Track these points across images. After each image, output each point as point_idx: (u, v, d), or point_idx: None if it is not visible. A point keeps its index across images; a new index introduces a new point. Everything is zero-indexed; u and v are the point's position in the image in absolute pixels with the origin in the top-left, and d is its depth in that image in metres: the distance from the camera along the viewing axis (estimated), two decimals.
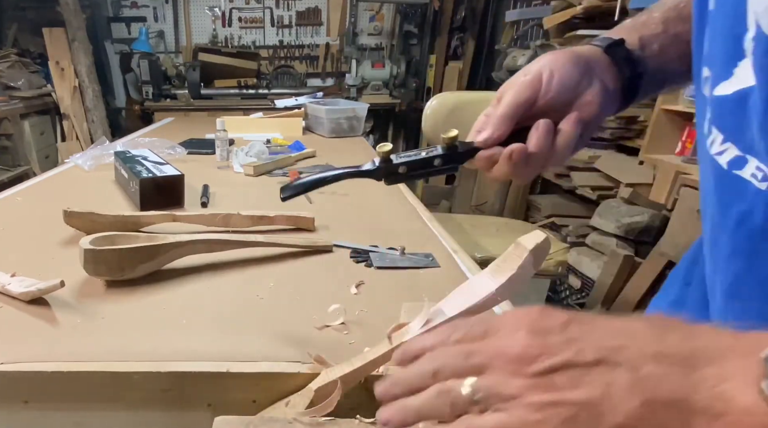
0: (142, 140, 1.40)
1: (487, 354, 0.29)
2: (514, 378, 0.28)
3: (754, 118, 0.33)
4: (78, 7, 3.19)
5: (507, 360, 0.28)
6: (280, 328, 0.53)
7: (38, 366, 0.45)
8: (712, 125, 0.38)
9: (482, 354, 0.29)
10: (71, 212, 0.74)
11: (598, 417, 0.25)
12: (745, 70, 0.34)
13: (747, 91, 0.34)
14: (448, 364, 0.30)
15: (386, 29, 3.82)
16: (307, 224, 0.82)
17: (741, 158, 0.36)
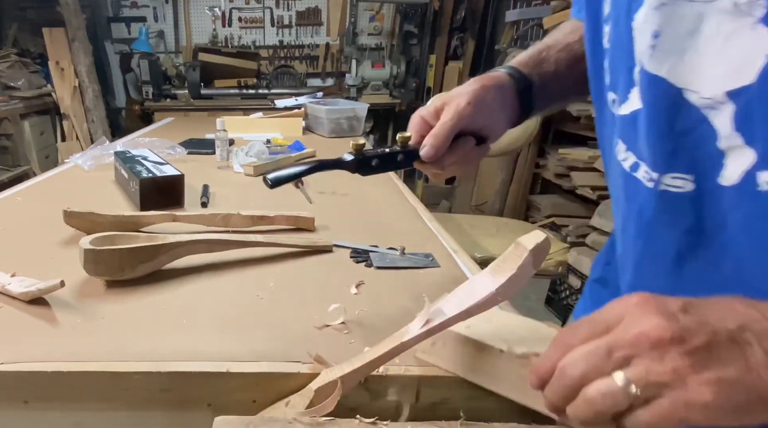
0: (142, 140, 1.40)
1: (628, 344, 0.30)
2: (666, 361, 0.29)
3: (641, 133, 0.44)
4: (78, 7, 3.19)
5: (651, 345, 0.29)
6: (280, 328, 0.53)
7: (38, 366, 0.45)
8: (618, 138, 0.48)
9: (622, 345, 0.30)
10: (71, 212, 0.74)
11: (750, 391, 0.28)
12: (635, 95, 0.44)
13: (637, 112, 0.44)
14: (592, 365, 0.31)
15: (386, 29, 3.82)
16: (307, 224, 0.82)
17: (636, 164, 0.46)
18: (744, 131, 0.37)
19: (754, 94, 0.36)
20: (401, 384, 0.45)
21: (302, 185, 1.11)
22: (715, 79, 0.38)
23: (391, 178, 1.23)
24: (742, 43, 0.36)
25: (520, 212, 3.22)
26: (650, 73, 0.42)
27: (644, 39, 0.41)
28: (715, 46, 0.38)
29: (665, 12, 0.40)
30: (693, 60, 0.39)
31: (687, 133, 0.41)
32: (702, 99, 0.39)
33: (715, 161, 0.40)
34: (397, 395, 0.45)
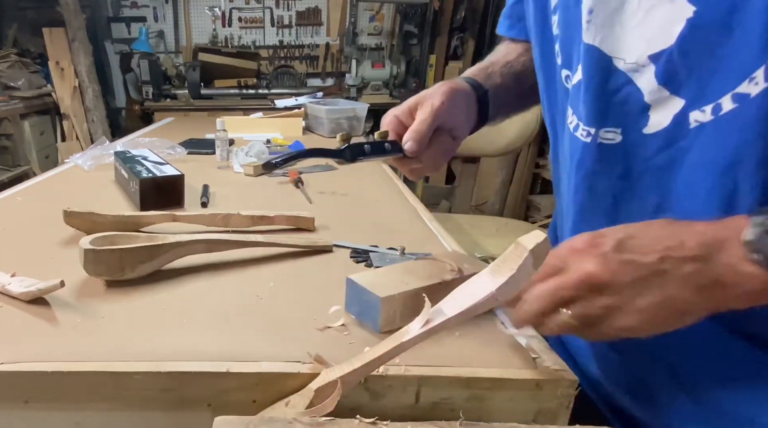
0: (142, 140, 1.40)
1: (572, 287, 0.41)
2: (601, 300, 0.40)
3: (581, 97, 0.52)
4: (78, 7, 3.19)
5: (589, 288, 0.40)
6: (280, 328, 0.53)
7: (38, 366, 0.44)
8: (568, 105, 0.56)
9: (567, 287, 0.41)
10: (71, 212, 0.74)
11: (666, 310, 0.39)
12: (579, 69, 0.52)
13: (580, 82, 0.52)
14: (547, 303, 0.42)
15: (386, 29, 3.82)
16: (307, 224, 0.82)
17: (577, 125, 0.54)
18: (670, 84, 0.45)
19: (675, 53, 0.43)
20: (401, 384, 0.45)
21: (302, 185, 1.11)
22: (637, 46, 0.46)
23: (391, 178, 1.23)
24: (661, 14, 0.43)
25: (520, 212, 3.22)
26: (587, 43, 0.49)
27: (584, 15, 0.49)
28: (637, 19, 0.45)
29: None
30: (619, 32, 0.47)
31: (615, 93, 0.49)
32: (627, 64, 0.47)
33: (640, 115, 0.48)
34: (397, 395, 0.45)
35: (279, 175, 1.22)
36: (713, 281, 0.38)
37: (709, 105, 0.43)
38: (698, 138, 0.44)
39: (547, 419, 0.46)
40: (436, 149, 0.61)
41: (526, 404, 0.46)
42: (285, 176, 1.19)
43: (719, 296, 0.38)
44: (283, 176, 1.21)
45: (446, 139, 0.62)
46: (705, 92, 0.43)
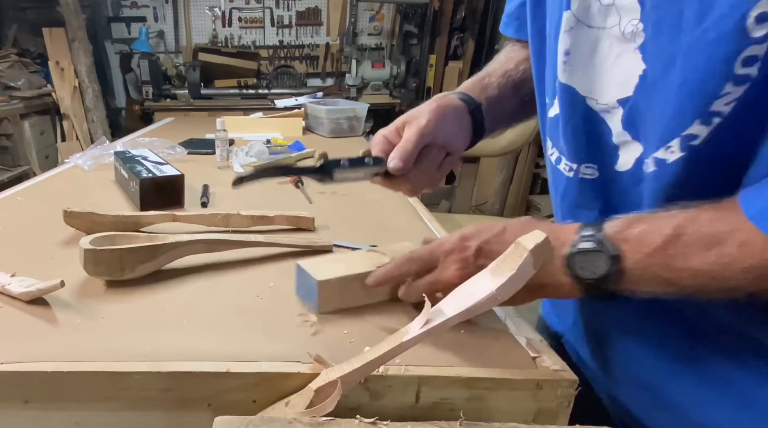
0: (142, 140, 1.40)
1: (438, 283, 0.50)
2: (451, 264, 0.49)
3: (561, 132, 0.54)
4: (78, 7, 3.19)
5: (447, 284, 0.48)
6: (280, 328, 0.53)
7: (38, 366, 0.45)
8: (548, 137, 0.58)
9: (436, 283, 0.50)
10: (71, 212, 0.74)
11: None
12: (556, 104, 0.54)
13: (557, 116, 0.54)
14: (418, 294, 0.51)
15: (386, 29, 3.82)
16: (307, 224, 0.82)
17: (559, 158, 0.56)
18: (630, 130, 0.47)
19: (635, 101, 0.46)
20: (401, 384, 0.45)
21: (302, 185, 1.11)
22: (608, 89, 0.48)
23: None
24: (626, 63, 0.45)
25: (520, 212, 3.22)
26: (563, 83, 0.51)
27: (559, 55, 0.51)
28: (608, 62, 0.47)
29: (573, 35, 0.49)
30: (593, 74, 0.49)
31: (591, 131, 0.51)
32: (599, 104, 0.49)
33: (612, 153, 0.50)
34: (397, 395, 0.45)
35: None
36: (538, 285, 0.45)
37: (675, 140, 0.43)
38: (653, 182, 0.46)
39: (547, 419, 0.46)
40: (428, 165, 0.61)
41: (526, 404, 0.46)
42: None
43: (541, 293, 0.47)
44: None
45: (438, 155, 0.61)
46: (654, 142, 0.45)
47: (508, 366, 0.47)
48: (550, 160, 0.58)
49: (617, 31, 0.45)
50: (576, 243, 0.43)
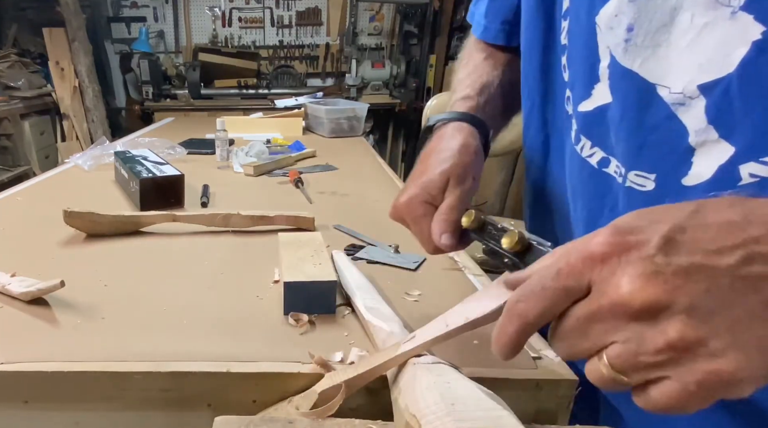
0: (142, 140, 1.40)
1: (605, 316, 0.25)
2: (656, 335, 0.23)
3: (612, 127, 0.43)
4: (78, 7, 3.19)
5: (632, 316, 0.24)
6: (279, 328, 0.53)
7: (38, 366, 0.44)
8: (581, 134, 0.47)
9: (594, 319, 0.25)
10: (71, 212, 0.74)
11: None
12: (601, 90, 0.44)
13: (605, 107, 0.44)
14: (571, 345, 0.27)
15: (386, 29, 3.82)
16: (307, 224, 0.82)
17: (606, 159, 0.46)
18: (719, 125, 0.36)
19: (734, 85, 0.35)
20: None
21: (302, 185, 1.11)
22: (686, 73, 0.37)
23: (391, 178, 1.23)
24: (718, 35, 0.35)
25: (520, 212, 3.22)
26: (623, 67, 0.41)
27: (617, 33, 0.40)
28: (688, 39, 0.37)
29: (639, 4, 0.39)
30: (666, 54, 0.38)
31: (654, 130, 0.40)
32: (672, 94, 0.38)
33: (681, 160, 0.39)
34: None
35: (279, 175, 1.22)
36: None
37: (748, 163, 0.35)
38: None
39: (547, 419, 0.46)
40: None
41: (526, 404, 0.46)
42: (285, 176, 1.19)
43: None
44: (283, 176, 1.21)
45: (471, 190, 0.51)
46: (766, 139, 0.35)
47: (508, 366, 0.47)
48: (586, 162, 0.48)
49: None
50: None
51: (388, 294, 0.60)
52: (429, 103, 1.89)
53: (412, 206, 0.48)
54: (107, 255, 0.71)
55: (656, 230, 0.25)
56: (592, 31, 0.43)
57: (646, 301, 0.23)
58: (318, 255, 0.59)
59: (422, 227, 0.47)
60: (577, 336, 0.26)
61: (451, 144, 0.51)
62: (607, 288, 0.25)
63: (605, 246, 0.25)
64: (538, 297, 0.27)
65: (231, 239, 0.78)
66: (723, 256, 0.23)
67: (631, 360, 0.24)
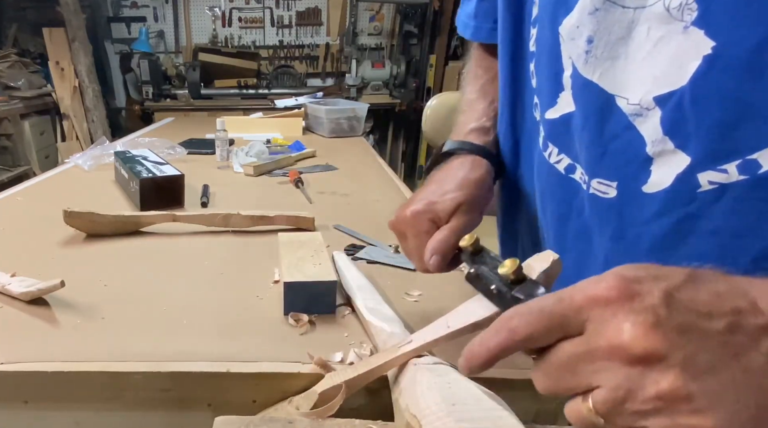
0: (142, 140, 1.40)
1: (599, 356, 0.25)
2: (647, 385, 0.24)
3: (575, 135, 0.44)
4: (78, 7, 3.19)
5: (625, 361, 0.24)
6: (279, 328, 0.53)
7: (38, 366, 0.44)
8: (548, 141, 0.48)
9: (588, 358, 0.26)
10: (71, 212, 0.74)
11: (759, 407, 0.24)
12: (565, 99, 0.45)
13: (569, 115, 0.45)
14: (556, 380, 0.27)
15: (386, 29, 3.82)
16: (307, 224, 0.82)
17: (572, 166, 0.46)
18: (674, 135, 0.37)
19: (686, 97, 0.36)
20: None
21: (302, 185, 1.11)
22: (643, 84, 0.38)
23: (391, 178, 1.23)
24: (672, 48, 0.36)
25: None
26: (584, 77, 0.42)
27: (578, 44, 0.41)
28: (645, 51, 0.38)
29: (599, 17, 0.39)
30: (624, 66, 0.39)
31: (614, 139, 0.41)
32: (630, 105, 0.39)
33: (641, 169, 0.40)
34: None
35: (279, 175, 1.22)
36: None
37: (732, 163, 0.36)
38: (716, 204, 0.37)
39: (547, 419, 0.46)
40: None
41: (526, 404, 0.46)
42: (285, 176, 1.19)
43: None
44: (283, 176, 1.21)
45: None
46: (723, 148, 0.36)
47: (508, 366, 0.47)
48: (554, 168, 0.48)
49: (660, 8, 0.36)
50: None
51: (388, 294, 0.60)
52: (429, 104, 1.89)
53: (418, 220, 0.49)
54: (107, 255, 0.71)
55: (657, 285, 0.25)
56: (556, 41, 0.44)
57: (647, 349, 0.24)
58: (318, 255, 0.59)
59: (420, 244, 0.48)
60: (565, 373, 0.27)
61: (470, 176, 0.52)
62: (606, 330, 0.25)
63: (610, 291, 0.26)
64: (533, 317, 0.27)
65: (231, 239, 0.78)
66: (713, 320, 0.24)
67: (618, 407, 0.25)
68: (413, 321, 0.53)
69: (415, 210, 0.49)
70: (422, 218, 0.48)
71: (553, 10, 0.43)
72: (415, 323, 0.52)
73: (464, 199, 0.49)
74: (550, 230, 0.52)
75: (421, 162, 3.70)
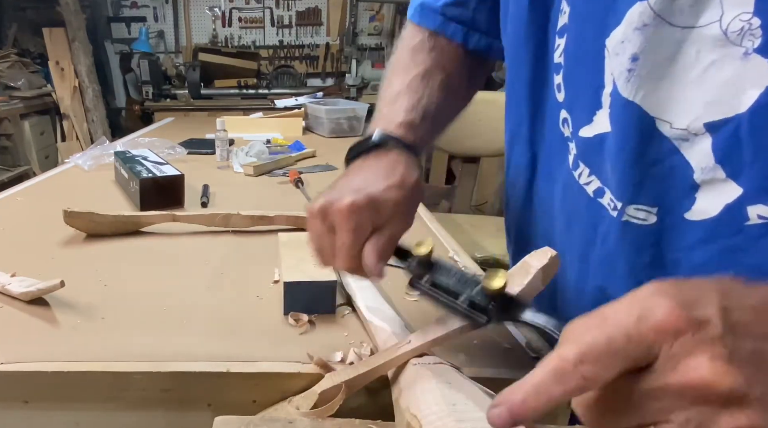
0: (142, 140, 1.40)
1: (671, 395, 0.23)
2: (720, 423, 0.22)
3: (608, 158, 0.42)
4: (78, 7, 3.19)
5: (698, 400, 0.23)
6: (280, 328, 0.53)
7: (38, 366, 0.44)
8: (579, 160, 0.46)
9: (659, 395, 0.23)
10: (71, 212, 0.74)
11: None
12: (602, 118, 0.42)
13: (603, 136, 0.42)
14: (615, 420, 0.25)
15: (386, 29, 3.82)
16: None
17: (601, 189, 0.44)
18: (727, 164, 0.36)
19: (744, 126, 0.34)
20: None
21: (302, 185, 1.11)
22: (692, 109, 0.36)
23: None
24: (727, 73, 0.34)
25: None
26: (624, 97, 0.39)
27: (621, 60, 0.39)
28: (694, 74, 0.36)
29: (647, 34, 0.37)
30: (668, 88, 0.37)
31: (656, 163, 0.39)
32: (674, 130, 0.38)
33: (684, 195, 0.39)
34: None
35: (279, 175, 1.22)
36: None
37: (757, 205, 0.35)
38: (763, 240, 0.35)
39: (547, 419, 0.46)
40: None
41: None
42: (285, 176, 1.19)
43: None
44: (283, 176, 1.21)
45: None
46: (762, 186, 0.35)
47: (508, 366, 0.47)
48: (583, 190, 0.46)
49: (716, 30, 0.34)
50: None
51: (388, 294, 0.60)
52: None
53: (357, 215, 0.42)
54: (107, 255, 0.71)
55: (713, 307, 0.23)
56: (600, 54, 0.41)
57: (730, 386, 0.22)
58: None
59: (355, 241, 0.43)
60: (629, 408, 0.24)
61: (409, 176, 0.47)
62: (681, 367, 0.23)
63: (675, 319, 0.23)
64: (610, 362, 0.23)
65: (231, 239, 0.78)
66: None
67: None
68: (413, 321, 0.53)
69: (357, 203, 0.42)
70: (363, 213, 0.43)
71: (603, 19, 0.40)
72: (415, 323, 0.52)
73: (405, 202, 0.45)
74: (574, 253, 0.50)
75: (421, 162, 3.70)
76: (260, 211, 0.81)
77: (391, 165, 0.48)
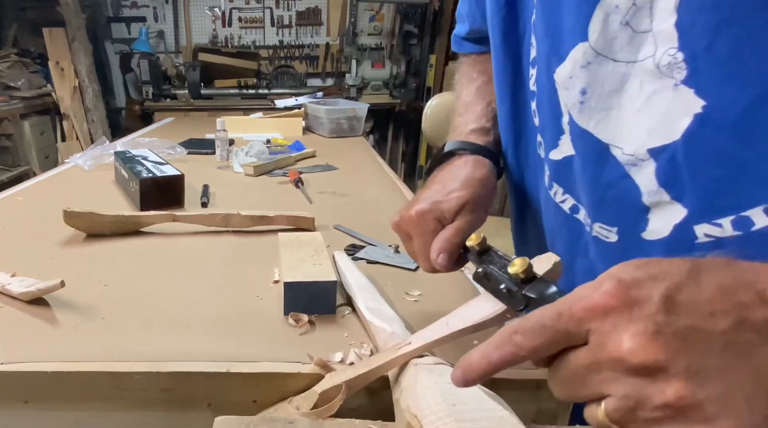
0: (142, 140, 1.40)
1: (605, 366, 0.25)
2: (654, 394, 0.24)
3: (577, 178, 0.45)
4: (78, 7, 3.19)
5: (630, 372, 0.24)
6: (279, 328, 0.53)
7: (38, 366, 0.44)
8: (553, 181, 0.49)
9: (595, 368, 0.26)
10: (71, 212, 0.74)
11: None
12: (566, 142, 0.45)
13: (570, 158, 0.45)
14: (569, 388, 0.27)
15: (386, 29, 3.82)
16: (307, 224, 0.82)
17: (576, 206, 0.47)
18: (670, 187, 0.38)
19: (680, 151, 0.36)
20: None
21: (302, 185, 1.11)
22: (637, 136, 0.39)
23: (391, 178, 1.23)
24: (665, 103, 0.37)
25: None
26: (579, 126, 0.43)
27: (572, 94, 0.42)
28: (638, 104, 0.38)
29: (591, 71, 0.40)
30: (617, 117, 0.40)
31: (610, 186, 0.42)
32: (624, 155, 0.40)
33: (638, 217, 0.41)
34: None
35: (279, 175, 1.22)
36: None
37: (727, 218, 0.36)
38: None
39: (547, 419, 0.46)
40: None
41: (526, 404, 0.46)
42: (285, 175, 1.19)
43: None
44: (283, 175, 1.21)
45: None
46: (717, 203, 0.36)
47: None
48: (560, 207, 0.49)
49: (650, 65, 0.37)
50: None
51: (388, 294, 0.60)
52: (429, 103, 1.89)
53: (423, 220, 0.48)
54: (107, 255, 0.71)
55: (656, 287, 0.25)
56: (553, 86, 0.45)
57: (647, 360, 0.24)
58: (318, 255, 0.59)
59: (426, 243, 0.47)
60: (576, 384, 0.27)
61: (473, 174, 0.52)
62: (608, 342, 0.25)
63: (609, 298, 0.25)
64: (536, 333, 0.27)
65: (231, 239, 0.78)
66: (717, 320, 0.24)
67: (629, 415, 0.25)
68: (413, 321, 0.53)
69: (420, 210, 0.48)
70: (428, 217, 0.48)
71: (547, 57, 0.44)
72: (416, 323, 0.52)
73: (469, 198, 0.49)
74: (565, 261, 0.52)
75: (421, 162, 3.70)
76: (260, 211, 0.81)
77: (456, 170, 0.52)
